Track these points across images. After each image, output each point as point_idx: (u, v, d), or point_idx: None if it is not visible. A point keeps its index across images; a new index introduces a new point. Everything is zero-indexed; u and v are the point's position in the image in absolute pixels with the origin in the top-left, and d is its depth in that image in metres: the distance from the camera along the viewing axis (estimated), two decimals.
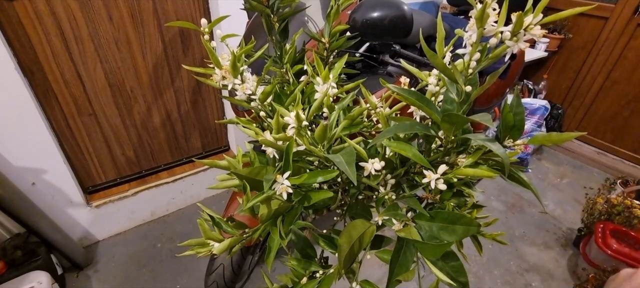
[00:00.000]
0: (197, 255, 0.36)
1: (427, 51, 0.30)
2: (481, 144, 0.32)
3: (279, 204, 0.34)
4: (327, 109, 0.43)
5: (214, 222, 0.39)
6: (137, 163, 1.58)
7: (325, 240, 0.42)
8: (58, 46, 1.16)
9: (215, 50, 0.41)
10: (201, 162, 0.38)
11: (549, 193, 1.97)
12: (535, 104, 2.06)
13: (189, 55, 1.47)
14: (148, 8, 1.28)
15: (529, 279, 1.47)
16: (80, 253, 1.38)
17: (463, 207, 0.39)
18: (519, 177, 0.33)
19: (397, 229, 0.35)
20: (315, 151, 0.35)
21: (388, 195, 0.38)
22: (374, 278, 1.33)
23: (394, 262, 0.35)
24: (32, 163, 1.20)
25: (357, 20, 0.73)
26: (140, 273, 1.41)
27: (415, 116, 0.40)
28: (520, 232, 1.70)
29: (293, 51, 0.54)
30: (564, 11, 0.27)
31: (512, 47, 0.27)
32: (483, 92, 0.37)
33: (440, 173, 0.32)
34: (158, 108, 1.50)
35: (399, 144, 0.33)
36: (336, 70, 0.46)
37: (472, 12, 0.27)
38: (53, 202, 1.30)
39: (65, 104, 1.26)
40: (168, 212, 1.70)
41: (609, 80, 2.12)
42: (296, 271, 0.42)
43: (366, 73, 0.94)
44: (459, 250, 0.40)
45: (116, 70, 1.32)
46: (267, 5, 0.52)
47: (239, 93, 0.42)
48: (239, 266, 1.14)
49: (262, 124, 0.47)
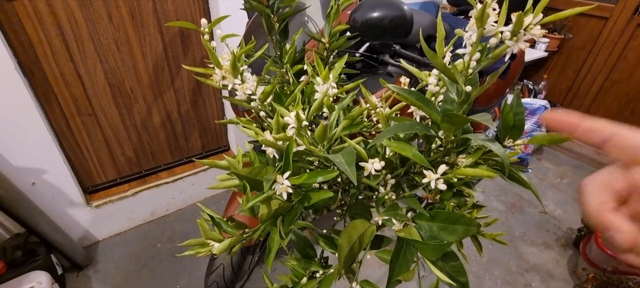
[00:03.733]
0: (197, 255, 0.36)
1: (427, 51, 0.30)
2: (481, 144, 0.32)
3: (279, 204, 0.34)
4: (327, 109, 0.43)
5: (214, 222, 0.39)
6: (137, 164, 1.58)
7: (325, 240, 0.42)
8: (58, 46, 1.16)
9: (215, 50, 0.41)
10: (201, 162, 0.38)
11: (549, 193, 1.97)
12: (535, 104, 2.06)
13: (189, 55, 1.47)
14: (148, 8, 1.28)
15: (529, 279, 1.47)
16: (80, 253, 1.38)
17: (463, 207, 0.39)
18: (519, 177, 0.33)
19: (397, 229, 0.35)
20: (315, 151, 0.35)
21: (388, 195, 0.38)
22: (374, 278, 1.33)
23: (394, 262, 0.35)
24: (32, 163, 1.20)
25: (357, 20, 0.73)
26: (140, 273, 1.41)
27: (415, 116, 0.40)
28: (520, 232, 1.70)
29: (293, 51, 0.54)
30: (564, 11, 0.27)
31: (512, 47, 0.27)
32: (483, 92, 0.37)
33: (440, 173, 0.32)
34: (158, 108, 1.50)
35: (399, 144, 0.33)
36: (336, 70, 0.46)
37: (472, 12, 0.27)
38: (53, 202, 1.30)
39: (65, 104, 1.26)
40: (168, 212, 1.70)
41: (609, 80, 2.12)
42: (296, 271, 0.42)
43: (366, 73, 0.94)
44: (459, 250, 0.40)
45: (116, 70, 1.32)
46: (267, 5, 0.52)
47: (239, 93, 0.42)
48: (239, 266, 1.14)
49: (262, 124, 0.47)
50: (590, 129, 0.24)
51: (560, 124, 0.26)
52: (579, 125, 0.25)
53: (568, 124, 0.25)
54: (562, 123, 0.26)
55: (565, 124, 0.26)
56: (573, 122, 0.25)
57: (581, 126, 0.25)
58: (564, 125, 0.26)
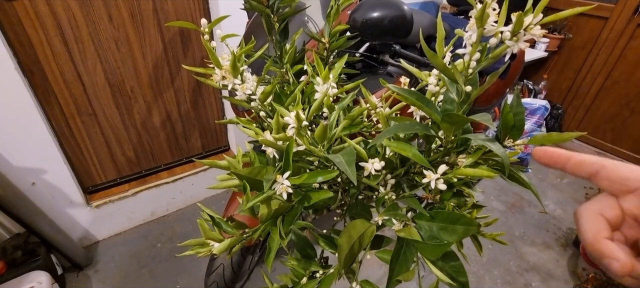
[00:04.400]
0: (197, 255, 0.36)
1: (427, 51, 0.30)
2: (481, 144, 0.32)
3: (279, 204, 0.34)
4: (327, 109, 0.43)
5: (214, 222, 0.39)
6: (137, 164, 1.58)
7: (325, 240, 0.42)
8: (58, 46, 1.16)
9: (215, 50, 0.41)
10: (201, 162, 0.38)
11: (549, 193, 1.97)
12: (535, 104, 2.06)
13: (189, 55, 1.47)
14: (148, 8, 1.28)
15: (529, 279, 1.47)
16: (80, 253, 1.38)
17: (463, 207, 0.39)
18: (519, 177, 0.33)
19: (397, 229, 0.35)
20: (315, 151, 0.35)
21: (388, 195, 0.38)
22: (374, 278, 1.33)
23: (394, 262, 0.35)
24: (32, 163, 1.20)
25: (357, 20, 0.73)
26: (140, 273, 1.41)
27: (415, 116, 0.40)
28: (520, 232, 1.70)
29: (293, 51, 0.54)
30: (564, 11, 0.27)
31: (512, 47, 0.27)
32: (483, 92, 0.37)
33: (440, 173, 0.32)
34: (158, 108, 1.50)
35: (399, 144, 0.33)
36: (336, 70, 0.46)
37: (472, 12, 0.27)
38: (53, 202, 1.30)
39: (65, 104, 1.26)
40: (168, 212, 1.70)
41: (609, 80, 2.12)
42: (296, 271, 0.42)
43: (366, 73, 0.94)
44: (459, 250, 0.40)
45: (116, 70, 1.32)
46: (267, 5, 0.52)
47: (239, 93, 0.42)
48: (239, 266, 1.14)
49: (262, 124, 0.47)
50: (580, 163, 0.26)
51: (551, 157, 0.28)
52: (569, 159, 0.26)
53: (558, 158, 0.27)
54: (553, 156, 0.27)
55: (556, 157, 0.27)
56: (563, 156, 0.27)
57: (571, 160, 0.26)
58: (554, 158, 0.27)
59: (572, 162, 0.26)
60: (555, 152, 0.27)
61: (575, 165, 0.26)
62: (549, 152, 0.28)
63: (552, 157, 0.27)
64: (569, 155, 0.26)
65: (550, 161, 0.28)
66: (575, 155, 0.26)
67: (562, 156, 0.27)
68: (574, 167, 0.26)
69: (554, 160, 0.27)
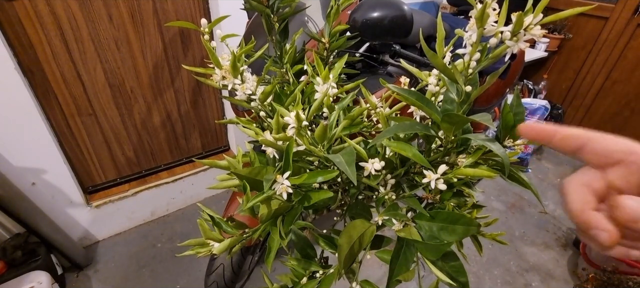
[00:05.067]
0: (197, 255, 0.36)
1: (427, 51, 0.30)
2: (481, 144, 0.32)
3: (279, 204, 0.34)
4: (327, 109, 0.43)
5: (214, 222, 0.39)
6: (137, 163, 1.58)
7: (325, 240, 0.42)
8: (58, 46, 1.16)
9: (215, 50, 0.41)
10: (201, 162, 0.38)
11: (549, 193, 1.97)
12: (535, 104, 2.06)
13: (189, 55, 1.47)
14: (148, 8, 1.28)
15: (529, 279, 1.47)
16: (80, 253, 1.38)
17: (463, 207, 0.39)
18: (519, 177, 0.33)
19: (397, 229, 0.35)
20: (315, 151, 0.35)
21: (388, 195, 0.38)
22: (374, 278, 1.33)
23: (394, 262, 0.35)
24: (32, 164, 1.20)
25: (357, 20, 0.73)
26: (140, 273, 1.41)
27: (415, 116, 0.40)
28: (520, 232, 1.70)
29: (293, 51, 0.54)
30: (564, 11, 0.27)
31: (512, 47, 0.27)
32: (483, 92, 0.37)
33: (440, 173, 0.32)
34: (158, 108, 1.50)
35: (399, 144, 0.33)
36: (336, 70, 0.46)
37: (472, 12, 0.27)
38: (53, 202, 1.30)
39: (65, 104, 1.26)
40: (168, 212, 1.70)
41: (609, 80, 2.12)
42: (296, 271, 0.42)
43: (366, 73, 0.94)
44: (459, 250, 0.40)
45: (116, 70, 1.32)
46: (267, 5, 0.52)
47: (239, 93, 0.42)
48: (239, 266, 1.14)
49: (262, 124, 0.47)
50: (566, 137, 0.25)
51: (537, 133, 0.27)
52: (555, 134, 0.26)
53: (545, 133, 0.27)
54: (539, 132, 0.27)
55: (542, 133, 0.27)
56: (549, 131, 0.26)
57: (557, 135, 0.26)
58: (541, 134, 0.27)
59: (558, 137, 0.26)
60: (541, 127, 0.27)
61: (562, 140, 0.26)
62: (536, 128, 0.27)
63: (539, 132, 0.27)
64: (554, 130, 0.26)
65: (537, 137, 0.27)
66: (561, 130, 0.26)
67: (548, 131, 0.26)
68: (560, 142, 0.26)
69: (540, 136, 0.27)
